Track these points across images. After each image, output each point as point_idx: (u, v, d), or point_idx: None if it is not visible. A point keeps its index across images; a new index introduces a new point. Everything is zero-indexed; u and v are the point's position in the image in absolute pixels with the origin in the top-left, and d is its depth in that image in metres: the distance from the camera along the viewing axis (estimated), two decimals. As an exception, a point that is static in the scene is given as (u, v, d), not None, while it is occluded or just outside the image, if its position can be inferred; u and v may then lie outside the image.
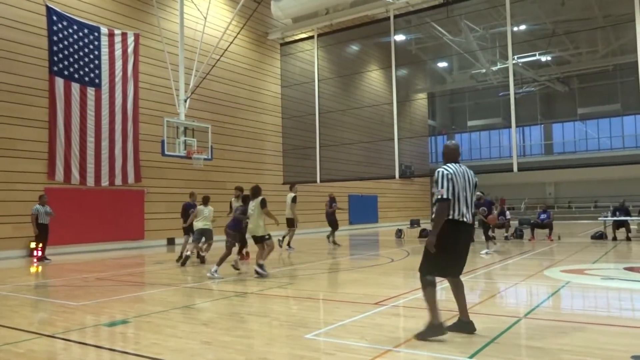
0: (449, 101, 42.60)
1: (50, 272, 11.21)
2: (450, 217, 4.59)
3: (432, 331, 4.57)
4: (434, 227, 4.61)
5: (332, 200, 17.50)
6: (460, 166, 4.76)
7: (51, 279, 10.19)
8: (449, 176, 4.61)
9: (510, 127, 18.10)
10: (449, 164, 4.72)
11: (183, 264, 11.32)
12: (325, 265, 11.44)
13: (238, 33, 18.93)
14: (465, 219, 4.63)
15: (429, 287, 4.68)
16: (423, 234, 20.00)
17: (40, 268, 11.99)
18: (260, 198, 9.28)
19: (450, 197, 4.57)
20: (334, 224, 16.96)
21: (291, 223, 14.96)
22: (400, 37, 26.38)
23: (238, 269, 9.89)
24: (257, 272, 9.13)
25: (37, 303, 7.50)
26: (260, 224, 9.21)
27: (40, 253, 13.28)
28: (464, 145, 43.98)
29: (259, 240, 9.22)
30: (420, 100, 37.73)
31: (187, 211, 12.35)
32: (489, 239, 13.19)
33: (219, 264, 9.34)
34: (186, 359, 4.27)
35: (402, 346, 4.51)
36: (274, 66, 24.04)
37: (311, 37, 22.80)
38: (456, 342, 4.57)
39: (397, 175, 20.25)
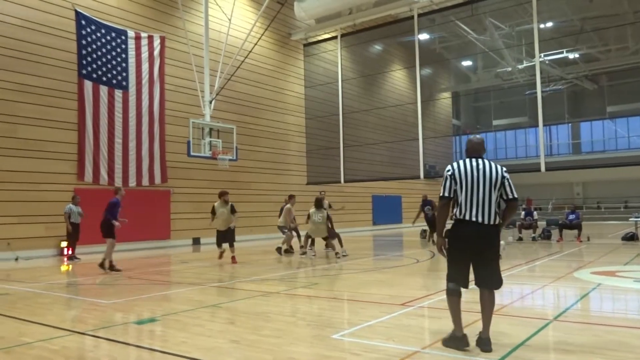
0: (474, 100, 42.12)
1: (81, 270, 11.46)
2: (456, 216, 4.40)
3: (453, 342, 4.39)
4: (437, 228, 4.52)
5: (427, 201, 17.52)
6: (477, 161, 4.44)
7: (82, 277, 10.41)
8: (449, 172, 4.43)
9: (536, 126, 17.84)
10: (460, 160, 4.51)
11: (279, 252, 13.41)
12: (349, 266, 11.42)
13: (262, 35, 19.05)
14: (472, 219, 4.28)
15: (447, 296, 4.48)
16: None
17: (70, 267, 12.26)
18: (325, 211, 12.68)
19: (447, 194, 4.39)
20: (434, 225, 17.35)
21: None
22: (424, 36, 26.21)
23: None
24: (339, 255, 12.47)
25: (69, 301, 7.67)
26: (324, 228, 12.55)
27: (70, 252, 13.59)
28: (489, 144, 43.40)
29: (327, 238, 12.76)
30: (444, 99, 37.40)
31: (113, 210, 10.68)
32: None
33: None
34: (215, 358, 4.32)
35: (430, 347, 4.48)
36: (297, 67, 24.13)
37: (334, 38, 22.83)
38: (485, 344, 4.52)
39: (421, 176, 20.12)
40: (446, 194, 4.40)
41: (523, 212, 18.12)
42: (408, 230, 27.02)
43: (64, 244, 14.09)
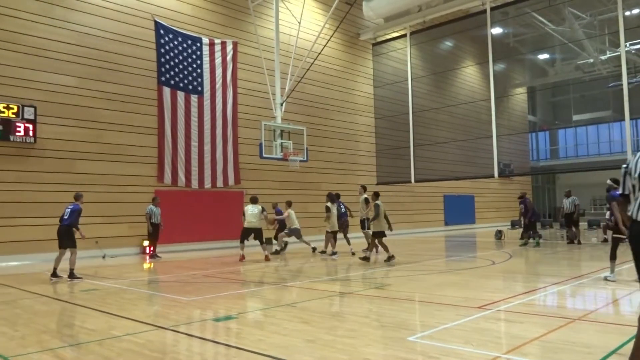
0: (551, 95, 40.15)
1: (161, 268, 12.02)
2: (631, 215, 3.80)
3: None
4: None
5: (524, 198, 16.66)
6: None
7: (162, 275, 10.91)
8: (625, 166, 3.89)
9: (622, 119, 16.77)
10: None
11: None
12: (421, 267, 11.24)
13: (331, 36, 19.16)
14: (634, 217, 3.67)
15: None
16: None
17: (152, 265, 12.89)
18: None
19: (625, 192, 3.85)
20: (531, 227, 16.41)
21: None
22: (496, 30, 25.32)
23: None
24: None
25: (152, 297, 8.06)
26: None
27: (152, 250, 14.30)
28: (568, 141, 41.27)
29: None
30: (519, 95, 35.93)
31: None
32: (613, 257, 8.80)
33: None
34: (291, 356, 4.37)
35: (511, 353, 4.30)
36: (366, 67, 24.06)
37: (403, 36, 22.55)
38: (575, 351, 4.29)
39: (495, 174, 19.44)
40: (625, 192, 3.88)
41: (608, 212, 17.07)
42: (482, 231, 26.22)
43: (145, 242, 14.84)
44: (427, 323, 5.64)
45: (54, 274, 9.76)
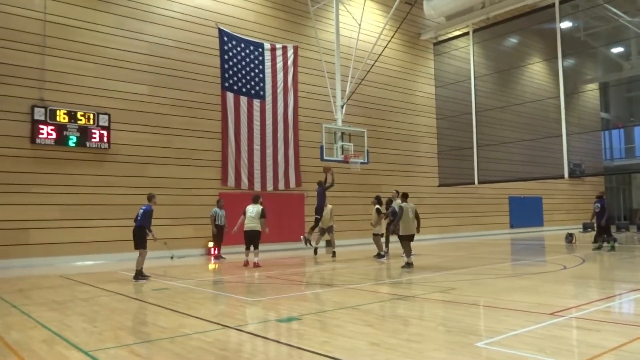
0: (626, 90, 37.91)
1: (226, 269, 12.33)
2: None
3: None
4: None
5: (602, 197, 15.67)
6: None
7: (227, 275, 11.19)
8: None
9: None
10: None
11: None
12: (487, 270, 10.91)
13: (392, 37, 18.99)
14: None
15: None
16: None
17: (217, 265, 13.26)
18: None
19: None
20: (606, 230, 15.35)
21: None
22: (565, 24, 24.22)
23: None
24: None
25: (217, 297, 8.29)
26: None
27: (216, 252, 14.70)
28: (645, 139, 38.81)
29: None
30: (591, 91, 34.19)
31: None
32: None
33: None
34: (356, 359, 4.36)
35: (588, 363, 4.10)
36: (427, 66, 23.70)
37: (466, 34, 22.01)
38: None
39: (565, 175, 18.57)
40: None
41: None
42: (551, 234, 25.14)
43: (210, 244, 15.29)
44: (495, 329, 5.46)
45: (141, 275, 10.00)
